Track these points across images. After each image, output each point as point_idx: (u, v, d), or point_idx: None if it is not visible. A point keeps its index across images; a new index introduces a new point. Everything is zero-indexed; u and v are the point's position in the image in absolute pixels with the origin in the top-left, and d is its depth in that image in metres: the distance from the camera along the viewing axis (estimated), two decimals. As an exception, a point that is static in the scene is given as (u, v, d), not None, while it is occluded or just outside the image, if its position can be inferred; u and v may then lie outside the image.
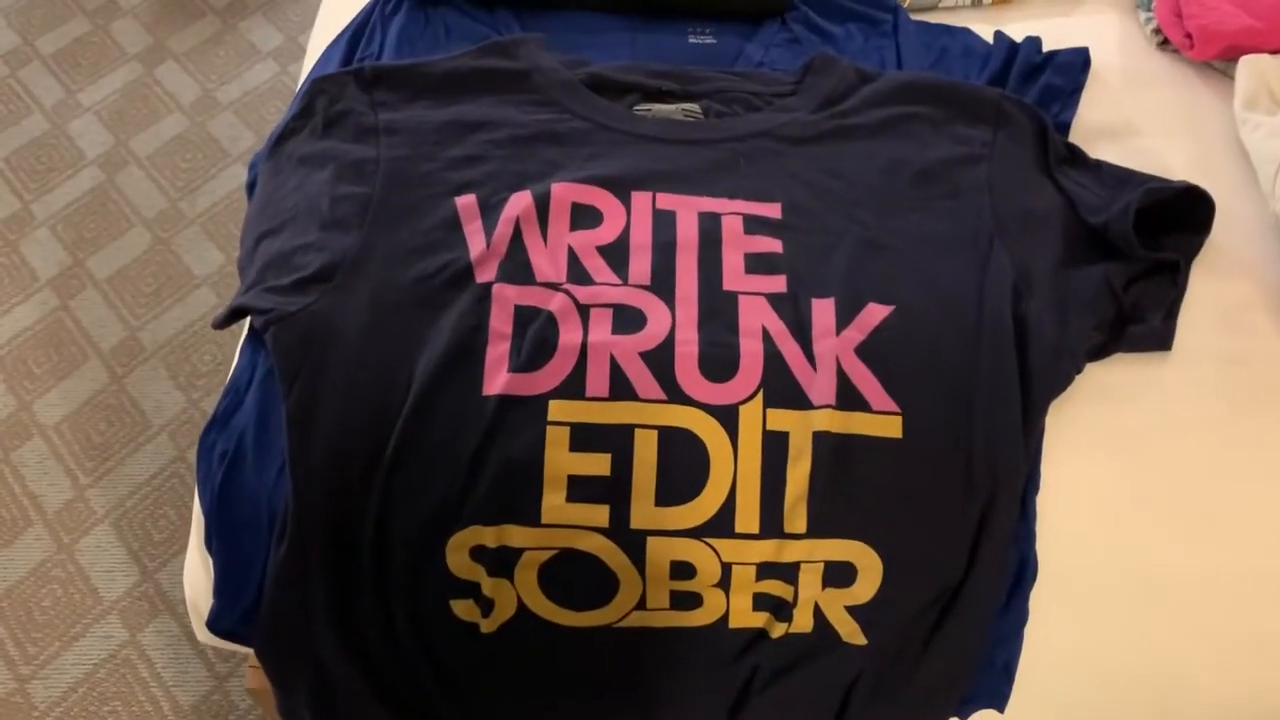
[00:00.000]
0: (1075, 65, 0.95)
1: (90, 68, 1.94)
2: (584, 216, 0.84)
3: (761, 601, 0.74)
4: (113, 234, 1.72)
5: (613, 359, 0.78)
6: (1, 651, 1.37)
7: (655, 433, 0.76)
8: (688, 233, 0.83)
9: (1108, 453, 0.80)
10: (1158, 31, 0.98)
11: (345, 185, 0.85)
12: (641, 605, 0.74)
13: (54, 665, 1.36)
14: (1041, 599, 0.77)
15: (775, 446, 0.76)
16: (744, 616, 0.74)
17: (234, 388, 0.83)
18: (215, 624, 0.80)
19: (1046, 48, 0.98)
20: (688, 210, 0.85)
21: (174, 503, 1.48)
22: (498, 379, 0.77)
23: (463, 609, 0.75)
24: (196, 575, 0.83)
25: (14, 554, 1.43)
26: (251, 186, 0.94)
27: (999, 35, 0.98)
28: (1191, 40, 0.94)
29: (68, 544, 1.44)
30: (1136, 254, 0.83)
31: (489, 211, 0.84)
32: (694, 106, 0.92)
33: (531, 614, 0.74)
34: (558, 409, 0.76)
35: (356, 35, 0.99)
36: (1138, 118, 0.94)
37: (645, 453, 0.75)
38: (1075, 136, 0.93)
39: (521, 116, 0.89)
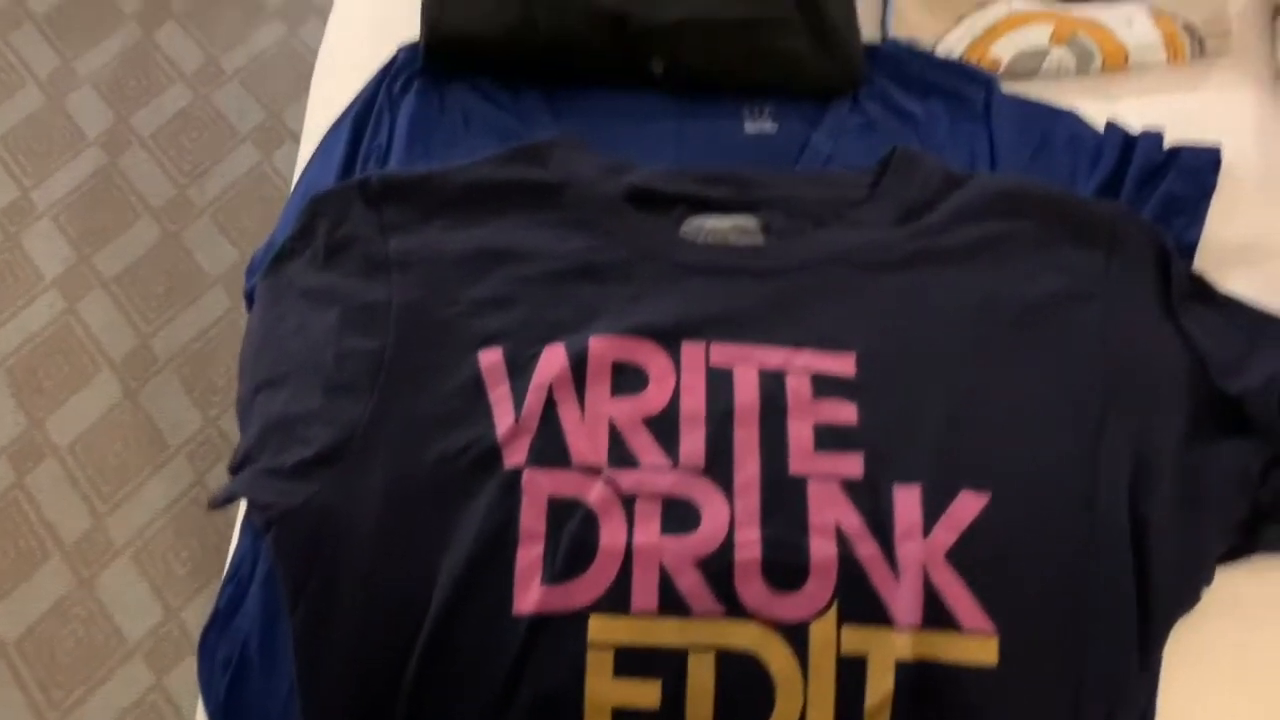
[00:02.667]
0: (1204, 168, 0.78)
1: (85, 30, 1.77)
2: (627, 378, 0.71)
3: None
4: (119, 226, 1.59)
5: (662, 567, 0.66)
6: (27, 697, 1.31)
7: (712, 655, 0.65)
8: (747, 398, 0.70)
9: (1235, 680, 0.68)
10: (1301, 119, 0.81)
11: (353, 337, 0.72)
12: None
13: (80, 712, 1.30)
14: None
15: (851, 674, 0.64)
16: None
17: (235, 576, 0.72)
18: None
19: (1166, 130, 0.81)
20: (747, 366, 0.71)
21: (194, 531, 1.39)
22: (530, 593, 0.65)
23: None
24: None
25: (33, 588, 1.36)
26: (249, 297, 0.81)
27: (1111, 127, 0.81)
28: (1345, 139, 0.78)
29: (87, 578, 1.36)
30: (1279, 438, 0.69)
31: (518, 371, 0.71)
32: (751, 222, 0.77)
33: None
34: (599, 626, 0.65)
35: (361, 119, 0.83)
36: (1279, 236, 0.78)
37: (701, 679, 0.64)
38: (1202, 259, 0.77)
39: (555, 245, 0.75)
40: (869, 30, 0.88)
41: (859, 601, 0.65)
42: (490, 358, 0.71)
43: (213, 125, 1.68)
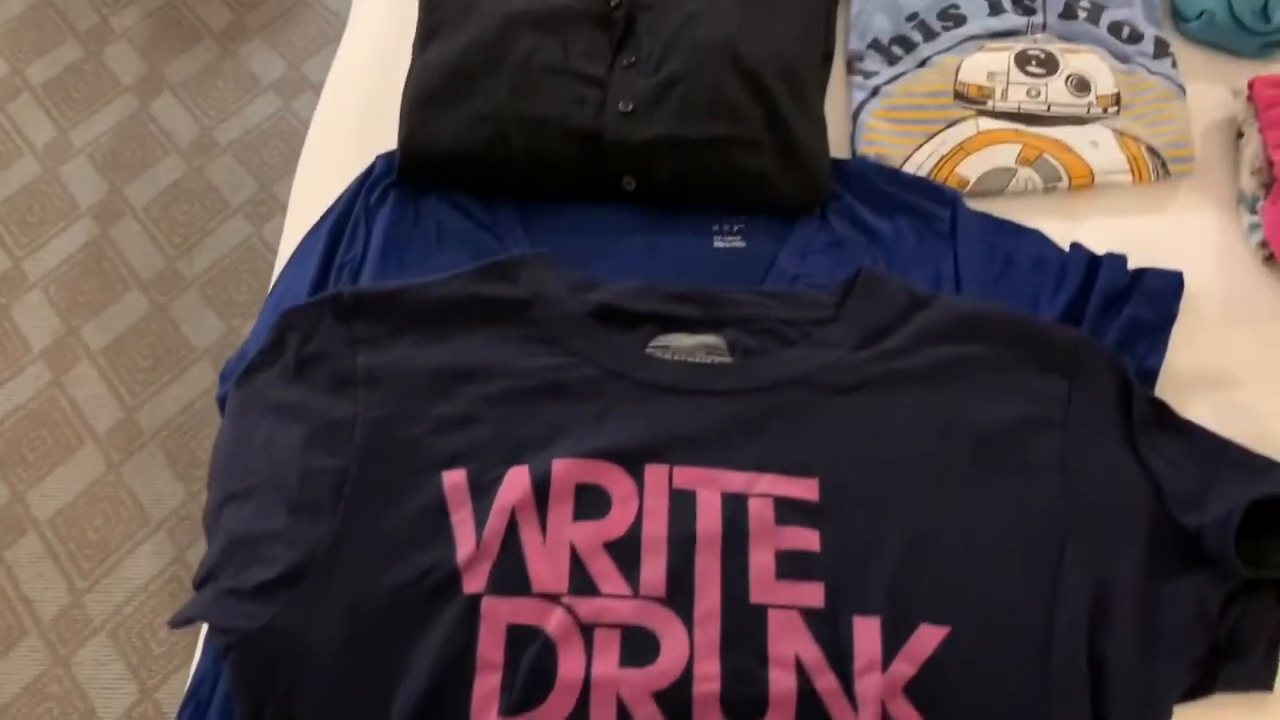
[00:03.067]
0: (1166, 293, 0.79)
1: (83, 101, 1.79)
2: (590, 501, 0.71)
3: None
4: (108, 298, 1.60)
5: (620, 700, 0.65)
6: (-3, 779, 1.29)
7: (669, 792, 0.64)
8: (709, 524, 0.70)
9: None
10: (1264, 244, 0.82)
11: (318, 455, 0.72)
12: None
13: (51, 795, 1.29)
14: None
15: (807, 809, 0.64)
16: None
17: (194, 696, 0.72)
18: None
19: (1131, 251, 0.82)
20: (710, 490, 0.71)
21: (173, 609, 1.38)
22: (486, 724, 0.65)
23: None
24: None
25: (9, 666, 1.35)
26: (222, 402, 0.82)
27: (1076, 248, 0.82)
28: (1306, 266, 0.79)
29: (64, 656, 1.35)
30: (1237, 573, 0.69)
31: (481, 493, 0.71)
32: (718, 341, 0.78)
33: None
34: (556, 759, 0.65)
35: (338, 229, 0.84)
36: (1240, 363, 0.78)
37: (658, 816, 0.64)
38: (1164, 386, 0.77)
39: (522, 362, 0.76)
40: (838, 146, 0.89)
41: (816, 735, 0.65)
42: (454, 479, 0.71)
43: (205, 197, 1.69)
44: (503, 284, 0.78)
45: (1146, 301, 0.78)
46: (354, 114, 0.97)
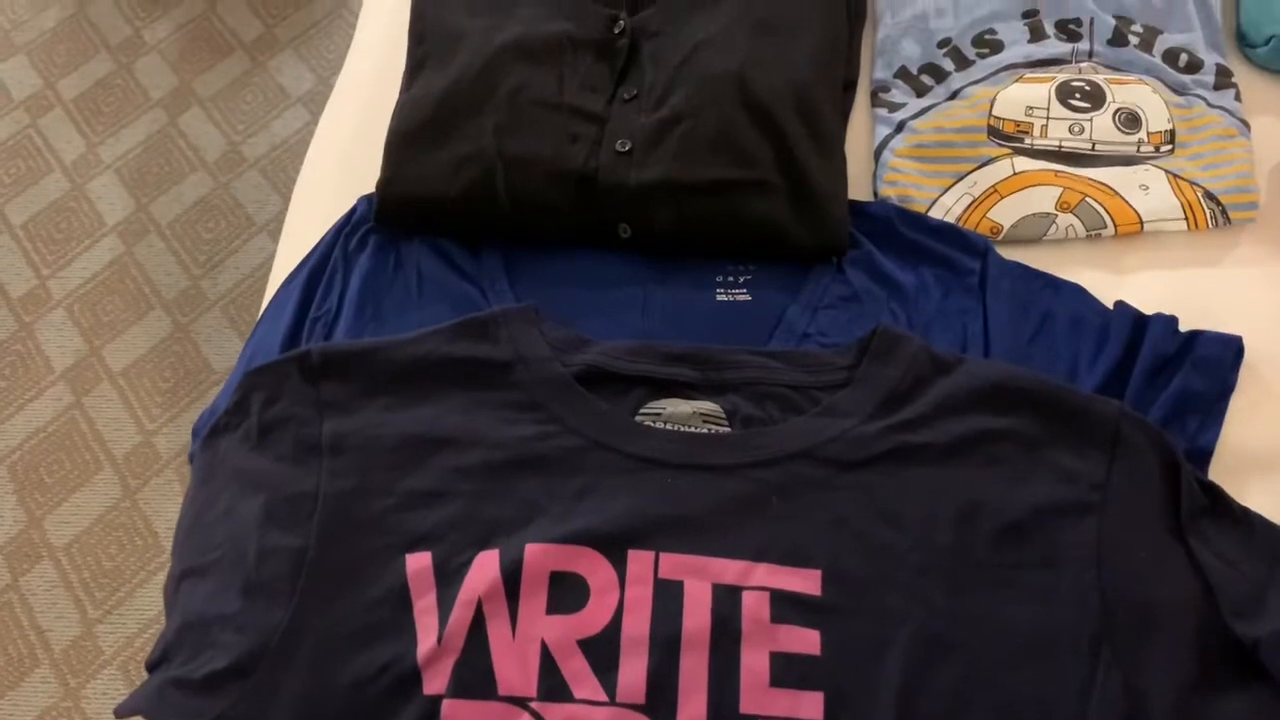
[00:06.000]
0: (1223, 361, 0.69)
1: (112, 115, 1.76)
2: (565, 592, 0.64)
3: None
4: (131, 318, 1.57)
5: (589, 824, 0.59)
6: (4, 814, 1.27)
7: None
8: (698, 620, 0.63)
9: None
10: (1336, 305, 0.72)
11: (276, 532, 0.66)
12: None
13: (57, 831, 1.26)
14: None
15: None
16: None
17: None
18: None
19: (1183, 310, 0.72)
20: (699, 581, 0.64)
21: (184, 641, 1.34)
22: (441, 843, 0.59)
23: None
24: None
25: (20, 698, 1.33)
26: (194, 460, 0.76)
27: (1120, 306, 0.73)
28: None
29: (74, 688, 1.32)
30: (1297, 695, 0.60)
31: (446, 581, 0.64)
32: (716, 408, 0.70)
33: None
34: None
35: (314, 278, 0.78)
36: (1307, 442, 0.69)
37: None
38: (1218, 468, 0.68)
39: (499, 430, 0.69)
40: (860, 187, 0.81)
41: None
42: (417, 563, 0.65)
43: (230, 214, 1.66)
44: (482, 343, 0.72)
45: (1199, 370, 0.69)
46: (344, 150, 0.91)
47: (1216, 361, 0.69)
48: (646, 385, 0.71)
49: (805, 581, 0.64)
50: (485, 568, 0.64)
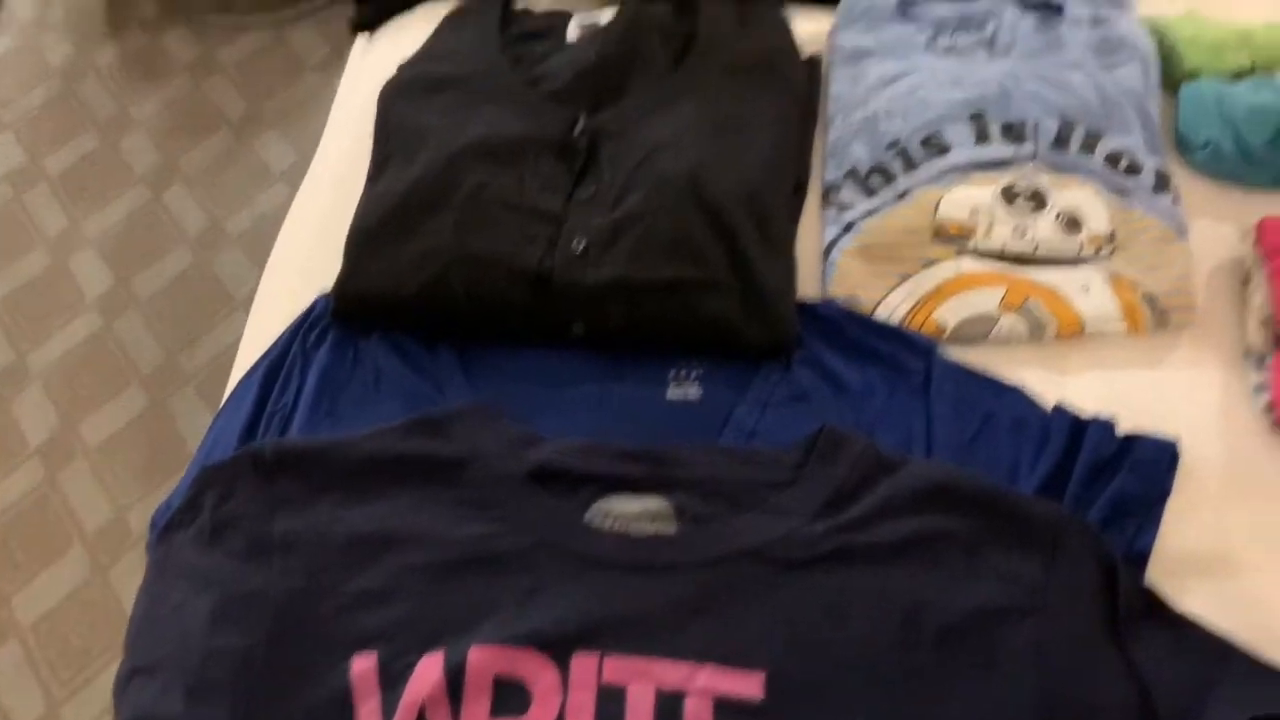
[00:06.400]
0: (1159, 465, 0.70)
1: (96, 191, 1.79)
2: (509, 696, 0.64)
3: None
4: (107, 393, 1.58)
5: None
6: None
7: None
8: (639, 727, 0.63)
9: None
10: (1271, 408, 0.73)
11: (224, 633, 0.67)
12: None
13: None
14: None
15: None
16: None
17: None
18: None
19: (1124, 409, 0.74)
20: (643, 685, 0.64)
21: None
22: None
23: None
24: None
25: (-19, 779, 1.31)
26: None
27: (1060, 410, 0.74)
28: (1319, 439, 0.70)
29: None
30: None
31: (391, 683, 0.64)
32: (664, 506, 0.71)
33: None
34: None
35: (273, 370, 0.80)
36: (1243, 545, 0.69)
37: None
38: (1155, 570, 0.69)
39: (450, 529, 0.69)
40: (811, 284, 0.82)
41: None
42: (362, 665, 0.65)
43: (210, 290, 1.67)
44: (435, 440, 0.73)
45: (1137, 474, 0.70)
46: (316, 229, 0.93)
47: (1153, 465, 0.71)
48: (597, 483, 0.72)
49: (748, 684, 0.64)
50: (429, 671, 0.64)
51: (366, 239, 0.79)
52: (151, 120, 1.87)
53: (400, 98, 0.88)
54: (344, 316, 0.79)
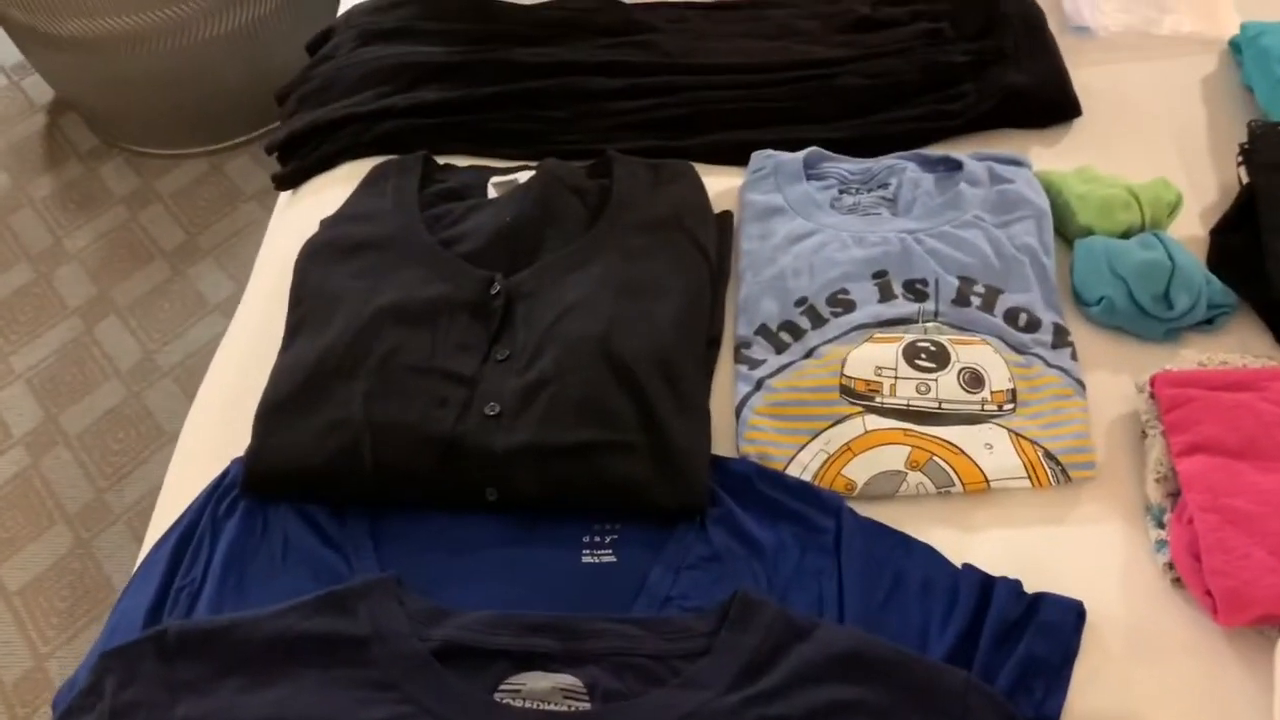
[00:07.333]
0: (1065, 626, 0.71)
1: (28, 324, 1.77)
2: None
3: None
4: (32, 533, 1.54)
5: None
6: None
7: None
8: None
9: None
10: (1172, 565, 0.75)
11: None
12: None
13: None
14: None
15: None
16: None
17: None
18: None
19: (1030, 568, 0.74)
20: None
21: None
22: None
23: None
24: None
25: None
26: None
27: (968, 570, 0.75)
28: (1215, 600, 0.71)
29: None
30: None
31: None
32: (575, 683, 0.70)
33: None
34: None
35: (182, 545, 0.78)
36: (1148, 704, 0.70)
37: None
38: (1064, 735, 0.69)
39: (353, 712, 0.68)
40: (725, 441, 0.83)
41: None
42: None
43: (141, 425, 1.65)
44: (341, 618, 0.71)
45: (1043, 636, 0.70)
46: (237, 380, 0.92)
47: (1059, 626, 0.71)
48: (507, 659, 0.71)
49: None
50: None
51: (275, 411, 0.79)
52: (85, 252, 1.87)
53: (315, 263, 0.89)
54: (253, 490, 0.78)
